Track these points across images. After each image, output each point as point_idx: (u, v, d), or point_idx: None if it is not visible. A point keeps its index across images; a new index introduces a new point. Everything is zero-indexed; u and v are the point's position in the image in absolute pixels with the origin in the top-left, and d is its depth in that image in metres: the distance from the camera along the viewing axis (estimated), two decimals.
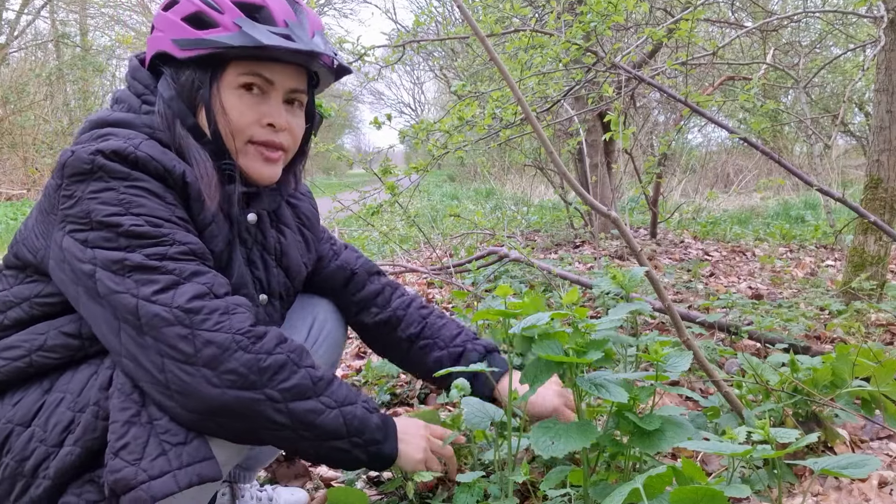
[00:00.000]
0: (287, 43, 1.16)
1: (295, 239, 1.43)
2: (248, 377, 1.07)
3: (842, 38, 6.12)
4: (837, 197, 2.56)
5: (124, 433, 1.05)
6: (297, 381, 1.11)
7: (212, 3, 1.18)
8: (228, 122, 1.20)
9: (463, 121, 2.94)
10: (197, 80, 1.19)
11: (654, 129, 7.68)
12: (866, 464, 1.03)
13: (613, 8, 2.62)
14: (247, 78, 1.20)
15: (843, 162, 11.24)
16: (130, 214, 1.08)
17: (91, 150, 1.09)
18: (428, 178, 15.78)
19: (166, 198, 1.13)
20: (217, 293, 1.11)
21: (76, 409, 1.10)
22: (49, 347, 1.14)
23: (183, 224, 1.14)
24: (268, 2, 1.19)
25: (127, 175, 1.10)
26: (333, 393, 1.16)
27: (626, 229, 1.47)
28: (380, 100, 27.13)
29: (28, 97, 14.02)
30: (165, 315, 1.05)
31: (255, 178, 1.26)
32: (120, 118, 1.19)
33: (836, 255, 4.93)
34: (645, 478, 1.01)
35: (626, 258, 4.74)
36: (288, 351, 1.13)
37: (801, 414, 1.59)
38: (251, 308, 1.15)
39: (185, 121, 1.20)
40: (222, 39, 1.15)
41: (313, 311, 1.50)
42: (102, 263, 1.07)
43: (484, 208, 8.14)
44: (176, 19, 1.19)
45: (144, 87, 1.23)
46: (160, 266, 1.07)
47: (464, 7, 1.36)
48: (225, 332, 1.07)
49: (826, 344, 2.50)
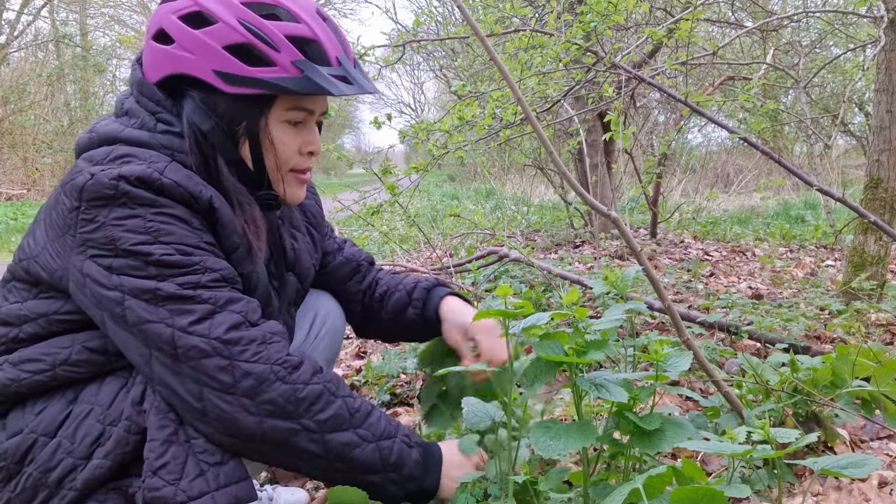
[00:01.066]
0: (349, 88, 1.13)
1: (305, 242, 1.42)
2: (286, 407, 1.07)
3: (842, 38, 6.12)
4: (837, 197, 2.56)
5: (163, 452, 1.05)
6: (334, 412, 1.11)
7: (262, 35, 1.09)
8: (276, 156, 1.19)
9: (463, 121, 2.94)
10: (240, 114, 1.14)
11: (654, 129, 7.68)
12: (866, 464, 1.03)
13: (613, 8, 2.62)
14: (294, 114, 1.17)
15: (843, 162, 11.24)
16: (160, 243, 1.06)
17: (113, 175, 1.05)
18: (428, 178, 15.77)
19: (193, 223, 1.10)
20: (252, 320, 1.10)
21: (106, 423, 1.10)
22: (73, 362, 1.12)
23: (212, 250, 1.11)
24: (318, 34, 1.13)
25: (153, 202, 1.07)
26: (371, 426, 1.15)
27: (626, 229, 1.47)
28: (380, 99, 27.07)
29: (28, 97, 14.03)
30: (204, 346, 1.04)
31: (291, 202, 1.27)
32: (135, 137, 1.13)
33: (836, 255, 4.93)
34: (645, 478, 1.01)
35: (627, 258, 4.74)
36: (325, 381, 1.12)
37: (801, 414, 1.59)
38: (285, 334, 1.14)
39: (228, 154, 1.16)
40: (282, 83, 1.09)
41: (314, 306, 1.50)
42: (132, 292, 1.05)
43: (484, 208, 8.14)
44: (217, 47, 1.09)
45: (155, 103, 1.16)
46: (194, 296, 1.06)
47: (464, 7, 1.36)
48: (263, 362, 1.07)
49: (826, 344, 2.50)
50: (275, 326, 1.13)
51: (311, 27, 1.12)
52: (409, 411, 2.19)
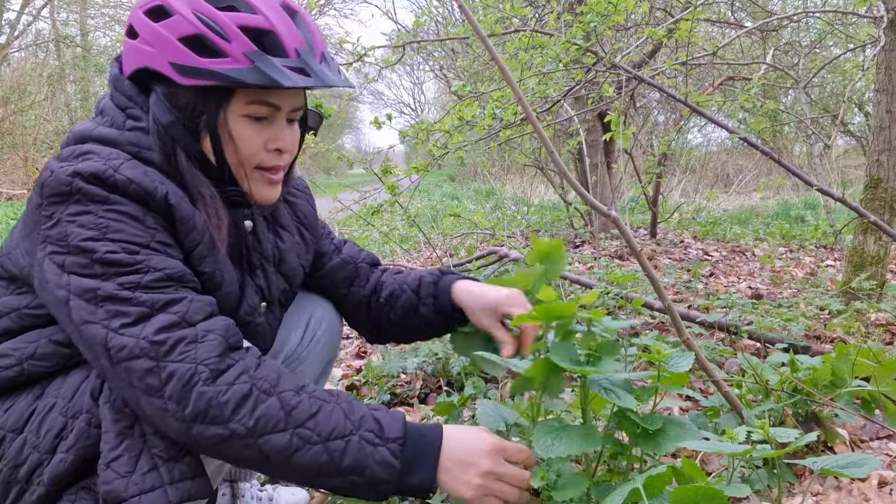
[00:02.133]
0: (304, 80, 1.10)
1: (293, 241, 1.40)
2: (209, 412, 1.01)
3: (842, 38, 6.12)
4: (837, 197, 2.56)
5: (117, 444, 1.04)
6: (263, 412, 1.02)
7: (215, 26, 1.08)
8: (237, 151, 1.15)
9: (463, 121, 2.94)
10: (200, 106, 1.11)
11: (654, 129, 7.68)
12: (866, 463, 1.03)
13: (614, 8, 2.62)
14: (255, 108, 1.13)
15: (842, 162, 11.24)
16: (107, 240, 1.04)
17: (69, 172, 1.05)
18: (428, 178, 15.75)
19: (146, 221, 1.08)
20: (191, 320, 1.05)
21: (68, 416, 1.09)
22: (40, 356, 1.13)
23: (163, 248, 1.08)
24: (276, 25, 1.10)
25: (105, 199, 1.05)
26: (318, 424, 1.04)
27: (627, 229, 1.47)
28: (380, 100, 27.14)
29: (29, 97, 14.02)
30: (132, 347, 1.01)
31: (260, 201, 1.22)
32: (103, 134, 1.13)
33: (835, 255, 4.94)
34: (645, 478, 1.01)
35: (627, 258, 4.74)
36: (255, 378, 1.04)
37: (801, 414, 1.59)
38: (228, 332, 1.08)
39: (189, 148, 1.14)
40: (233, 75, 1.07)
41: (310, 308, 1.48)
42: (76, 291, 1.04)
43: (484, 208, 8.14)
44: (172, 38, 1.08)
45: (127, 98, 1.15)
46: (132, 297, 1.03)
47: (465, 6, 1.36)
48: (188, 362, 1.02)
49: (826, 344, 2.50)
50: (215, 325, 1.07)
51: (269, 18, 1.09)
52: (409, 411, 2.19)
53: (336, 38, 3.12)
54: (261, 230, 1.31)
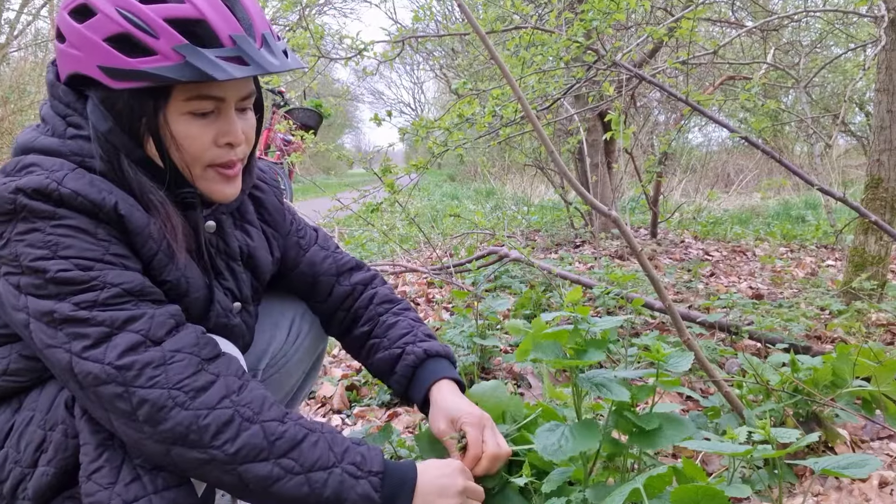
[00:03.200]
0: (241, 70, 1.02)
1: (261, 237, 1.33)
2: (188, 436, 0.98)
3: (842, 37, 6.12)
4: (838, 196, 2.56)
5: (97, 456, 1.03)
6: (246, 441, 1.00)
7: (140, 22, 1.00)
8: (183, 152, 1.08)
9: (463, 118, 2.93)
10: (137, 109, 1.04)
11: (655, 129, 7.68)
12: (867, 464, 1.03)
13: (615, 6, 2.62)
14: (197, 104, 1.06)
15: (843, 162, 11.24)
16: (58, 258, 1.00)
17: (11, 189, 1.00)
18: (428, 177, 15.73)
19: (98, 234, 1.03)
20: (155, 337, 1.02)
21: (46, 428, 1.07)
22: (13, 371, 1.10)
23: (118, 261, 1.04)
24: (205, 13, 1.01)
25: (52, 214, 1.00)
26: (301, 454, 1.03)
27: (627, 229, 1.46)
28: (379, 99, 27.12)
29: (29, 97, 14.02)
30: (98, 373, 0.98)
31: (219, 200, 1.15)
32: (45, 145, 1.06)
33: (836, 255, 4.93)
34: (645, 478, 1.00)
35: (627, 258, 4.73)
36: (238, 405, 1.02)
37: (802, 414, 1.59)
38: (198, 345, 1.05)
39: (132, 154, 1.07)
40: (164, 73, 0.99)
41: (295, 305, 1.43)
42: (34, 314, 1.00)
43: (484, 208, 8.13)
44: (97, 40, 1.01)
45: (65, 105, 1.08)
46: (90, 318, 0.99)
47: (464, 5, 1.35)
48: (160, 387, 0.99)
49: (826, 344, 2.49)
50: (183, 340, 1.03)
51: (197, 6, 1.01)
52: (409, 411, 2.18)
53: (336, 34, 3.11)
54: (227, 228, 1.25)
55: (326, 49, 3.63)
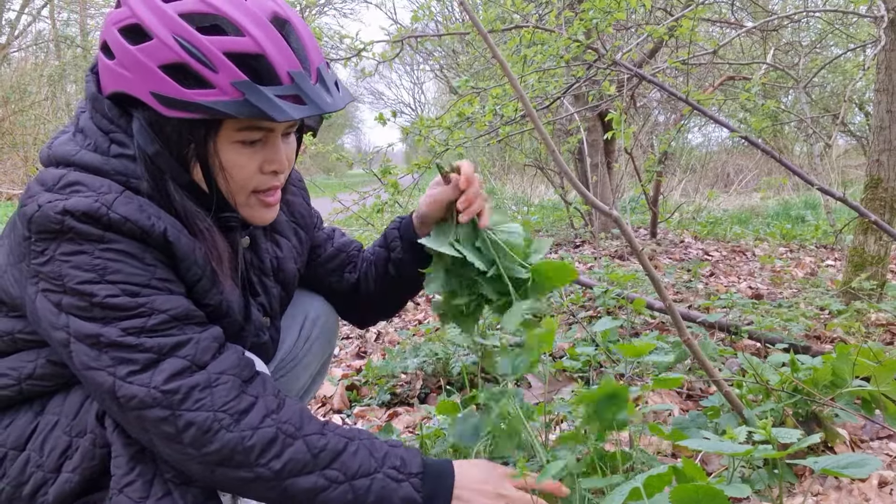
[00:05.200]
0: (298, 110, 1.00)
1: (290, 246, 1.35)
2: (234, 457, 1.00)
3: (842, 37, 6.11)
4: (838, 196, 2.56)
5: (129, 470, 1.04)
6: (291, 456, 1.02)
7: (199, 54, 0.97)
8: (230, 179, 1.08)
9: (463, 117, 2.94)
10: (187, 136, 1.03)
11: (655, 129, 7.68)
12: (867, 464, 1.03)
13: (616, 4, 2.62)
14: (248, 134, 1.05)
15: (843, 162, 11.24)
16: (105, 283, 0.99)
17: (59, 209, 0.98)
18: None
19: (145, 258, 1.02)
20: (201, 362, 1.02)
21: (73, 434, 1.08)
22: (39, 376, 1.10)
23: (164, 286, 1.04)
24: (265, 48, 0.99)
25: (100, 237, 1.00)
26: (343, 464, 1.05)
27: (628, 228, 1.46)
28: (380, 100, 27.06)
29: (29, 97, 14.02)
30: (143, 397, 0.99)
31: (258, 224, 1.17)
32: (88, 162, 1.04)
33: (836, 255, 4.93)
34: (645, 478, 1.00)
35: (627, 258, 4.74)
36: (279, 423, 1.03)
37: (802, 414, 1.59)
38: (240, 366, 1.06)
39: (179, 179, 1.07)
40: (221, 108, 0.98)
41: (304, 308, 1.45)
42: (76, 335, 1.00)
43: None
44: (152, 66, 0.98)
45: (109, 121, 1.06)
46: (138, 344, 1.00)
47: (465, 3, 1.36)
48: (206, 409, 1.00)
49: (826, 344, 2.49)
50: (226, 363, 1.04)
51: (257, 40, 0.99)
52: (409, 411, 2.18)
53: (335, 35, 3.11)
54: (260, 243, 1.27)
55: (326, 50, 3.63)
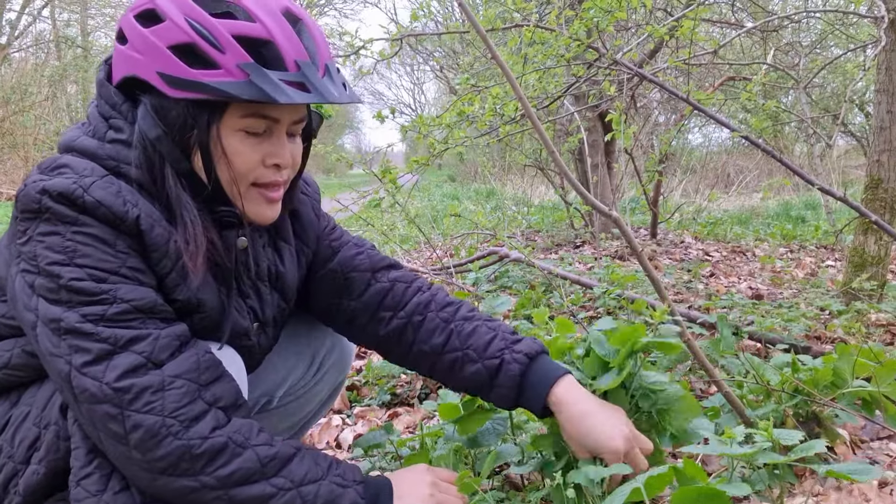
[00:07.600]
0: (302, 96, 1.01)
1: (291, 254, 1.31)
2: (180, 465, 0.99)
3: (842, 38, 6.11)
4: (839, 196, 2.56)
5: (87, 462, 1.03)
6: (239, 466, 1.01)
7: (208, 35, 0.99)
8: (231, 168, 1.07)
9: (463, 115, 2.93)
10: (190, 120, 1.03)
11: (655, 130, 7.68)
12: (871, 470, 1.03)
13: (617, 3, 2.62)
14: (251, 122, 1.06)
15: (843, 162, 11.24)
16: (73, 265, 0.99)
17: (39, 189, 1.00)
18: (428, 178, 15.73)
19: (117, 245, 1.02)
20: (157, 360, 1.01)
21: (41, 426, 1.07)
22: (14, 366, 1.11)
23: (133, 275, 1.03)
24: (274, 35, 1.01)
25: (74, 220, 1.00)
26: (291, 472, 1.05)
27: (628, 229, 1.46)
28: (380, 100, 27.11)
29: (30, 97, 14.02)
30: (95, 391, 0.98)
31: (256, 221, 1.15)
32: (84, 146, 1.06)
33: (836, 256, 4.93)
34: (645, 478, 1.00)
35: (627, 258, 4.73)
36: (230, 432, 1.02)
37: (802, 414, 1.58)
38: (199, 369, 1.04)
39: (178, 165, 1.06)
40: (225, 88, 0.99)
41: (321, 337, 1.43)
42: (43, 318, 1.00)
43: (484, 208, 8.13)
44: (161, 46, 1.00)
45: (111, 107, 1.08)
46: (94, 332, 0.99)
47: (464, 3, 1.35)
48: (156, 414, 0.98)
49: (826, 344, 2.49)
50: (184, 365, 1.03)
51: (267, 27, 1.01)
52: (409, 411, 2.18)
53: (334, 32, 3.11)
54: (257, 247, 1.24)
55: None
